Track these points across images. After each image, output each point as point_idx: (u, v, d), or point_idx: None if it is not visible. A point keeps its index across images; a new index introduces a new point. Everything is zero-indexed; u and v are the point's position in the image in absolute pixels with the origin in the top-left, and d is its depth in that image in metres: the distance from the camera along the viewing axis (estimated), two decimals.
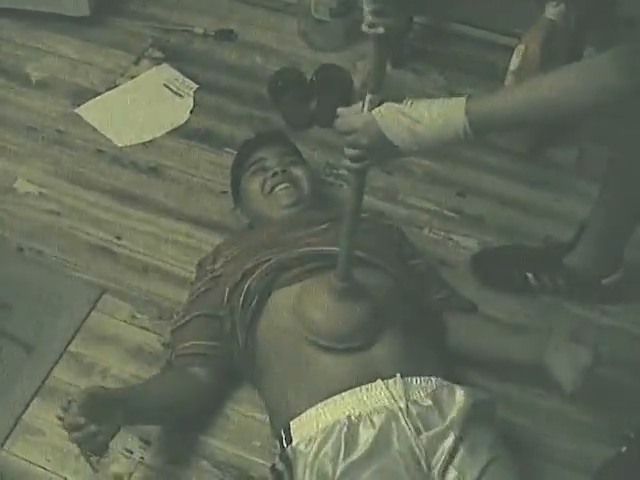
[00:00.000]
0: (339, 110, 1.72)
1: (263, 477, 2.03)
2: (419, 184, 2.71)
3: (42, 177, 2.75)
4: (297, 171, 2.42)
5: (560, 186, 2.66)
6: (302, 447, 1.83)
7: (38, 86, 3.05)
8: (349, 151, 1.70)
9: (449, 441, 1.77)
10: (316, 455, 1.80)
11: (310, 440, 1.83)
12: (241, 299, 2.12)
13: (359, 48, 3.09)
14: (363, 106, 1.66)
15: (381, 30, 1.56)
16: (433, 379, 1.90)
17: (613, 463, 1.98)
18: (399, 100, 1.63)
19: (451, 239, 2.57)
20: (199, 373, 2.14)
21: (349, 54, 3.08)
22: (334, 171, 2.73)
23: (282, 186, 2.37)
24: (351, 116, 1.68)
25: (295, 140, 2.65)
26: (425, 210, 2.64)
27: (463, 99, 1.56)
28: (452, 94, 2.90)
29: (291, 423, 1.89)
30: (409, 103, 1.61)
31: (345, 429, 1.80)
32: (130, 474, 2.10)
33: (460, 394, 1.87)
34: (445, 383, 1.90)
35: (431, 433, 1.78)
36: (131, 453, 2.14)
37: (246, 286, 2.12)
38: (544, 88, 1.53)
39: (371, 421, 1.81)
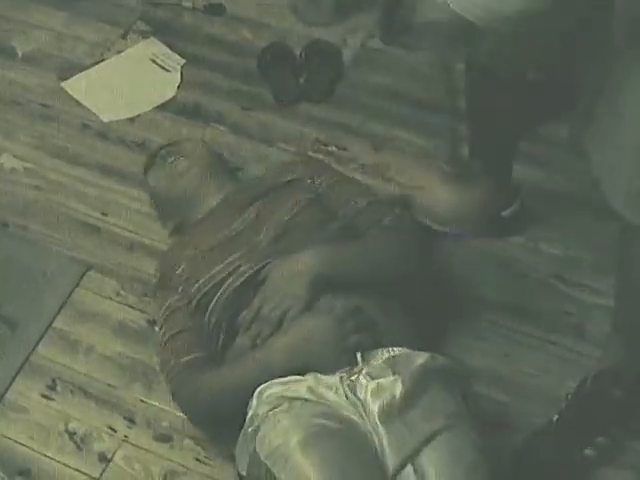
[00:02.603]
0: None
1: None
2: (409, 162, 2.68)
3: (27, 152, 2.73)
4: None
5: (552, 163, 2.63)
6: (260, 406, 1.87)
7: (24, 60, 3.00)
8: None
9: (397, 390, 1.78)
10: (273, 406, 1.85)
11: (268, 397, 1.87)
12: (207, 331, 2.11)
13: (349, 23, 3.05)
14: None
15: None
16: (396, 349, 1.90)
17: (543, 431, 2.04)
18: None
19: None
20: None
21: (339, 29, 3.03)
22: (323, 147, 2.69)
23: (170, 159, 2.41)
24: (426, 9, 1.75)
25: (284, 116, 2.64)
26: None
27: None
28: (444, 70, 2.89)
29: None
30: None
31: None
32: (114, 452, 2.10)
33: (419, 356, 1.87)
34: (407, 351, 1.90)
35: (379, 381, 1.80)
36: (115, 431, 2.13)
37: (210, 309, 2.10)
38: None
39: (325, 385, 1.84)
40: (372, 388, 1.79)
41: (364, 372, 1.83)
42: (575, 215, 2.49)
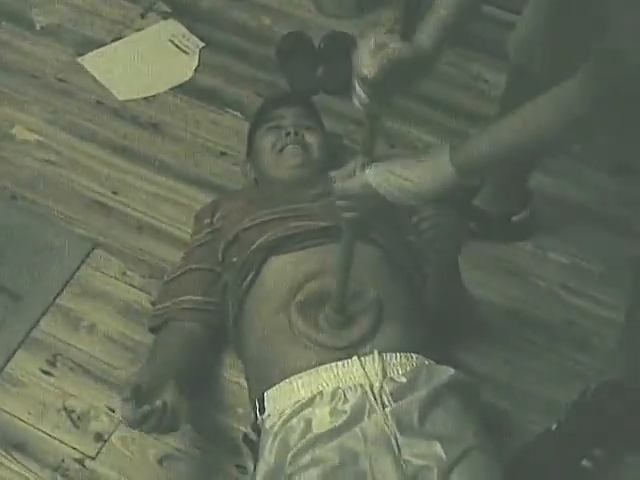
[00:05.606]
0: (333, 175, 1.71)
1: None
2: None
3: (41, 125, 2.72)
4: (310, 137, 2.39)
5: (565, 173, 2.63)
6: (273, 419, 1.83)
7: (42, 33, 3.00)
8: (347, 214, 1.72)
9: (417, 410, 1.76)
10: (282, 426, 1.79)
11: (281, 413, 1.82)
12: (237, 267, 2.10)
13: (370, 17, 3.04)
14: (355, 169, 1.67)
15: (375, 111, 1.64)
16: (414, 356, 1.88)
17: (541, 439, 2.05)
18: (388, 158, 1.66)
19: None
20: (194, 328, 2.13)
21: (359, 22, 3.03)
22: (337, 141, 2.68)
23: (291, 147, 2.33)
24: (347, 182, 1.67)
25: None
26: None
27: (447, 151, 1.57)
28: (462, 70, 2.88)
29: (265, 394, 1.89)
30: (397, 162, 1.63)
31: (315, 406, 1.79)
32: (111, 432, 2.09)
33: (439, 374, 1.85)
34: (426, 362, 1.88)
35: (399, 404, 1.77)
36: (113, 412, 2.12)
37: (243, 258, 2.10)
38: (520, 126, 1.52)
39: (344, 397, 1.79)
40: (392, 410, 1.76)
41: (388, 391, 1.78)
42: (586, 226, 2.50)
